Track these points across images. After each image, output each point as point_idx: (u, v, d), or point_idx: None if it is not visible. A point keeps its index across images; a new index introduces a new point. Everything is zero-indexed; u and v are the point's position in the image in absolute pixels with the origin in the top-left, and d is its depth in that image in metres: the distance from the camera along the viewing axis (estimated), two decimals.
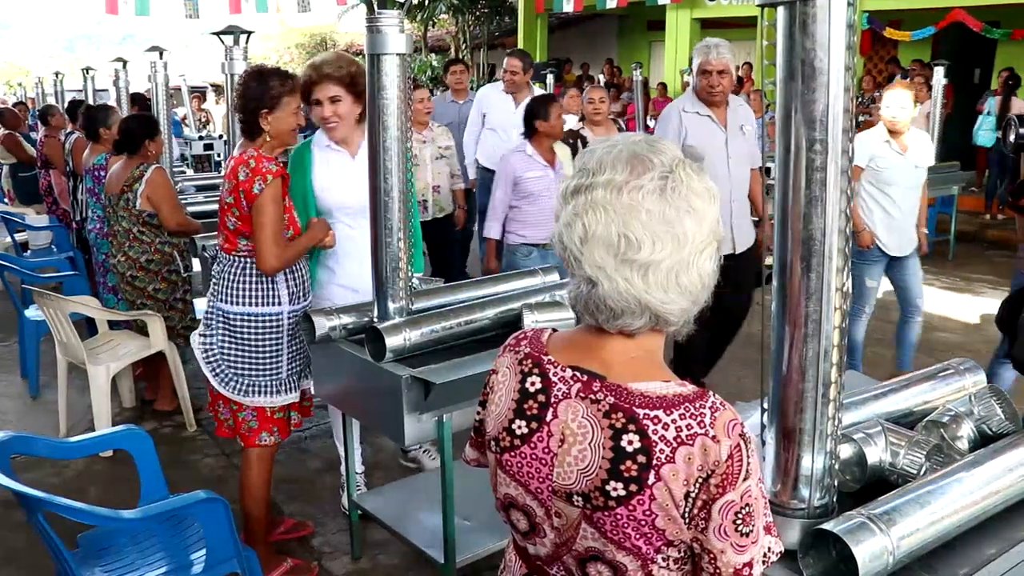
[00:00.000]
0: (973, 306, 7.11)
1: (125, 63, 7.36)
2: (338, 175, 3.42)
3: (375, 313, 2.93)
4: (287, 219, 3.05)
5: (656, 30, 17.18)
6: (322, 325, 2.91)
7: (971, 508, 1.73)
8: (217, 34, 5.24)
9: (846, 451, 1.92)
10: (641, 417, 1.18)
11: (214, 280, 3.12)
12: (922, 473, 1.87)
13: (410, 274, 2.95)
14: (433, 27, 24.12)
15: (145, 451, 2.90)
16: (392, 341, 2.71)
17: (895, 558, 1.57)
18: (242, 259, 3.04)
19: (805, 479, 1.64)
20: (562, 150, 4.93)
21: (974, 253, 9.23)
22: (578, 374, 1.26)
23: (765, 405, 1.66)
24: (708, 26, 15.71)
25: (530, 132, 4.75)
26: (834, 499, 1.71)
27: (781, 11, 1.47)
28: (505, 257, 4.87)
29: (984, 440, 2.10)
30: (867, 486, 1.90)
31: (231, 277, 3.05)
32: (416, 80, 5.84)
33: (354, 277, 3.40)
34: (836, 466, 1.71)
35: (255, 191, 2.90)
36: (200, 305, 5.07)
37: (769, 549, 1.24)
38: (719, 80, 4.35)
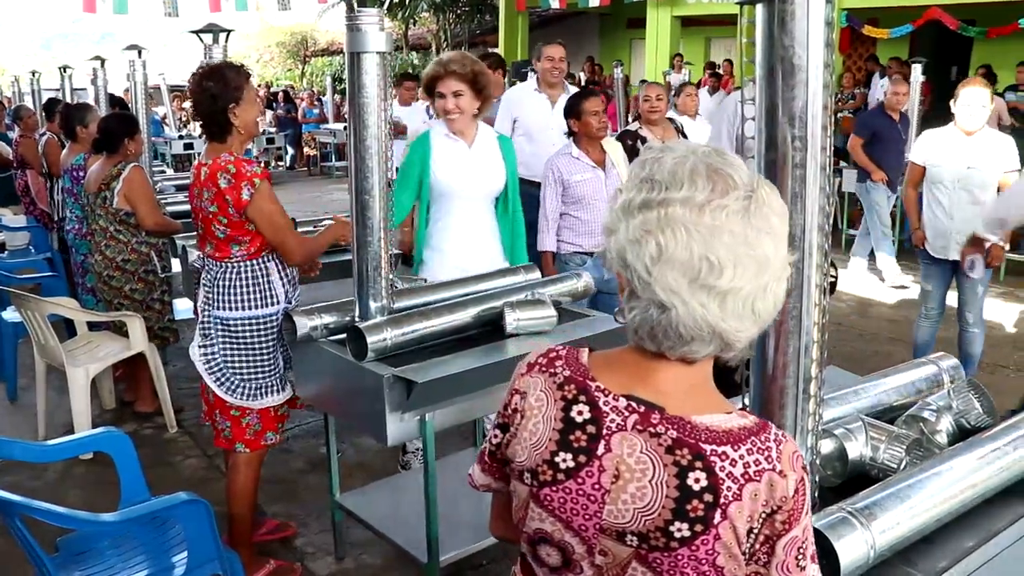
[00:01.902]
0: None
1: (103, 62, 7.29)
2: (455, 162, 3.68)
3: (356, 312, 2.91)
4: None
5: (637, 28, 17.22)
6: (303, 325, 2.89)
7: (950, 502, 1.75)
8: (196, 32, 5.21)
9: (827, 446, 1.94)
10: (708, 453, 1.12)
11: (206, 289, 3.09)
12: (902, 467, 1.89)
13: (393, 274, 2.95)
14: (414, 25, 24.09)
15: (125, 453, 2.87)
16: (374, 340, 2.70)
17: (876, 552, 1.58)
18: (236, 264, 3.01)
19: None
20: (613, 149, 4.67)
21: None
22: (634, 404, 1.17)
23: (746, 401, 1.67)
24: (688, 24, 15.79)
25: (570, 132, 4.58)
26: (815, 494, 1.72)
27: (760, 8, 1.48)
28: (557, 268, 4.53)
29: (963, 433, 2.12)
30: (848, 480, 1.92)
31: (226, 284, 3.02)
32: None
33: (465, 257, 3.68)
34: (817, 461, 1.72)
35: (245, 197, 2.89)
36: (180, 306, 5.05)
37: None
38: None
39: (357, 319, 2.89)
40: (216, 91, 2.95)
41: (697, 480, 1.11)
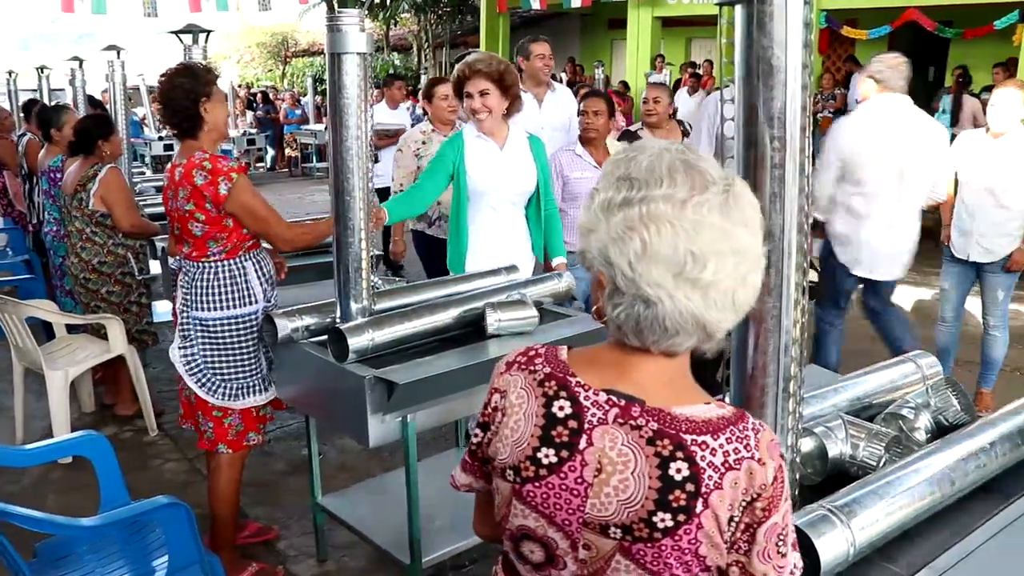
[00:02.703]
0: None
1: (81, 62, 7.25)
2: (487, 163, 3.71)
3: (337, 314, 2.91)
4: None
5: (618, 28, 17.24)
6: (284, 327, 2.88)
7: (929, 498, 1.76)
8: (176, 33, 5.18)
9: (807, 444, 1.95)
10: (689, 443, 1.13)
11: (184, 290, 3.07)
12: (882, 464, 1.90)
13: (374, 276, 2.94)
14: (395, 26, 24.06)
15: (105, 457, 2.85)
16: (355, 342, 2.70)
17: (856, 549, 1.59)
18: (213, 263, 3.01)
19: None
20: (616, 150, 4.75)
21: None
22: (614, 398, 1.18)
23: (727, 401, 1.67)
24: (669, 24, 15.83)
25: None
26: (796, 492, 1.73)
27: (739, 9, 1.48)
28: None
29: (941, 431, 2.14)
30: (829, 478, 1.93)
31: (204, 284, 3.02)
32: (442, 76, 5.56)
33: (496, 258, 3.66)
34: (798, 460, 1.73)
35: (223, 192, 2.89)
36: (159, 308, 5.02)
37: (795, 565, 1.21)
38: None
39: (338, 320, 2.89)
40: (188, 85, 2.97)
41: (679, 470, 1.13)
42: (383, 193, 5.33)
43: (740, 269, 1.12)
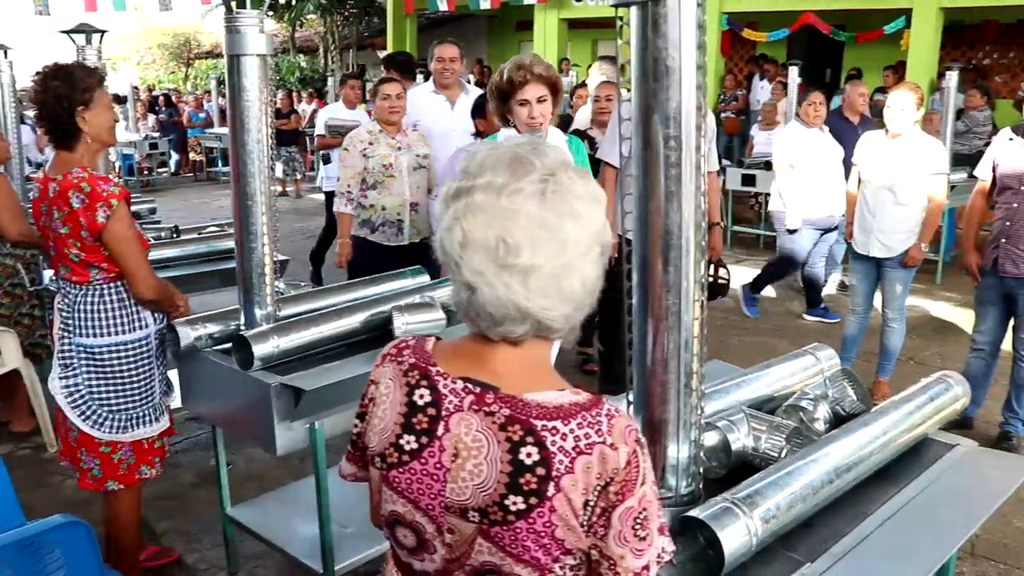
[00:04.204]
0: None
1: None
2: None
3: (241, 320, 2.85)
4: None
5: (525, 30, 17.35)
6: (187, 335, 2.81)
7: (827, 487, 1.82)
8: (68, 32, 5.00)
9: (711, 439, 1.99)
10: (539, 429, 1.16)
11: (64, 314, 2.84)
12: (783, 455, 1.95)
13: (279, 282, 2.89)
14: (301, 27, 23.72)
15: None
16: (260, 349, 2.65)
17: (758, 539, 1.63)
18: (97, 287, 2.79)
19: (672, 468, 1.68)
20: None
21: None
22: (470, 385, 1.22)
23: (630, 398, 1.69)
24: (575, 26, 16.01)
25: (477, 132, 4.41)
26: (700, 486, 1.76)
27: (634, 11, 1.51)
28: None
29: (839, 420, 2.21)
30: (733, 471, 1.97)
31: (88, 308, 2.79)
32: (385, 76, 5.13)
33: None
34: (701, 454, 1.77)
35: (100, 220, 2.66)
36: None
37: (663, 549, 1.22)
38: None
39: (242, 327, 2.83)
40: (63, 91, 2.70)
41: (529, 455, 1.16)
42: (331, 196, 5.07)
43: (562, 258, 1.14)
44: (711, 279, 4.83)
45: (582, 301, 1.19)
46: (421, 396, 1.25)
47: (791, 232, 6.19)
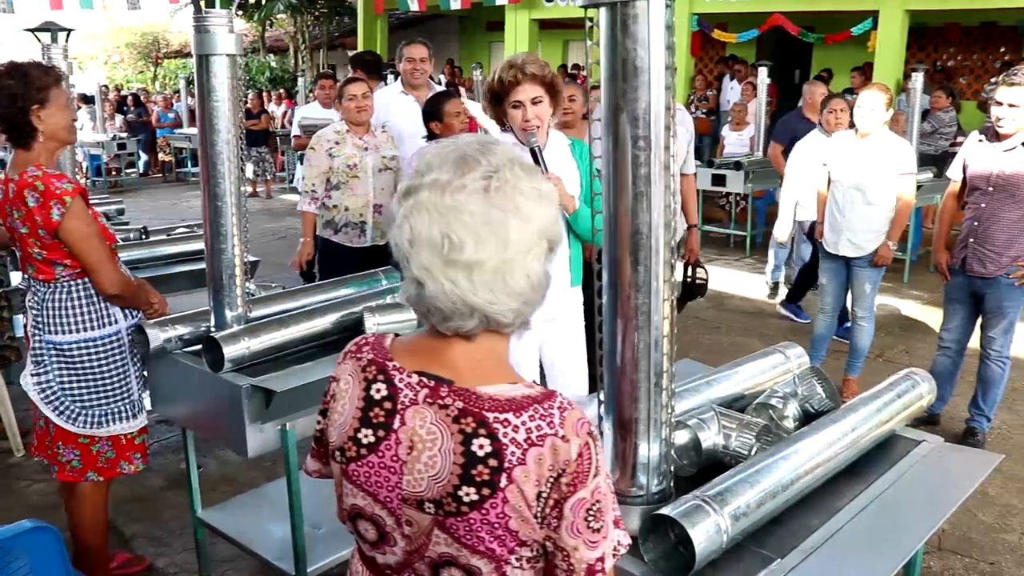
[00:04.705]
0: None
1: None
2: None
3: (212, 322, 2.83)
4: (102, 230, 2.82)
5: (495, 31, 17.35)
6: (156, 337, 2.79)
7: (797, 484, 1.84)
8: (33, 31, 4.92)
9: (682, 437, 2.00)
10: (491, 421, 1.18)
11: (34, 312, 2.84)
12: (753, 453, 1.97)
13: (250, 283, 2.88)
14: (271, 27, 23.57)
15: None
16: (230, 350, 2.63)
17: (729, 536, 1.64)
18: (65, 283, 2.79)
19: (642, 467, 1.69)
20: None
21: None
22: (424, 379, 1.24)
23: (602, 397, 1.70)
24: (546, 27, 16.02)
25: (431, 135, 4.30)
26: (671, 484, 1.77)
27: (603, 12, 1.51)
28: None
29: (808, 417, 2.23)
30: (704, 469, 1.98)
31: (57, 305, 2.80)
32: (353, 75, 5.13)
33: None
34: (672, 452, 1.78)
35: (55, 218, 2.65)
36: (22, 322, 4.77)
37: (618, 542, 1.24)
38: None
39: (213, 329, 2.81)
40: (17, 90, 2.67)
41: (481, 446, 1.18)
42: None
43: (506, 254, 1.17)
44: (689, 280, 4.87)
45: (530, 296, 1.21)
46: (378, 390, 1.27)
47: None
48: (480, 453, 1.17)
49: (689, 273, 4.82)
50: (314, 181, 4.57)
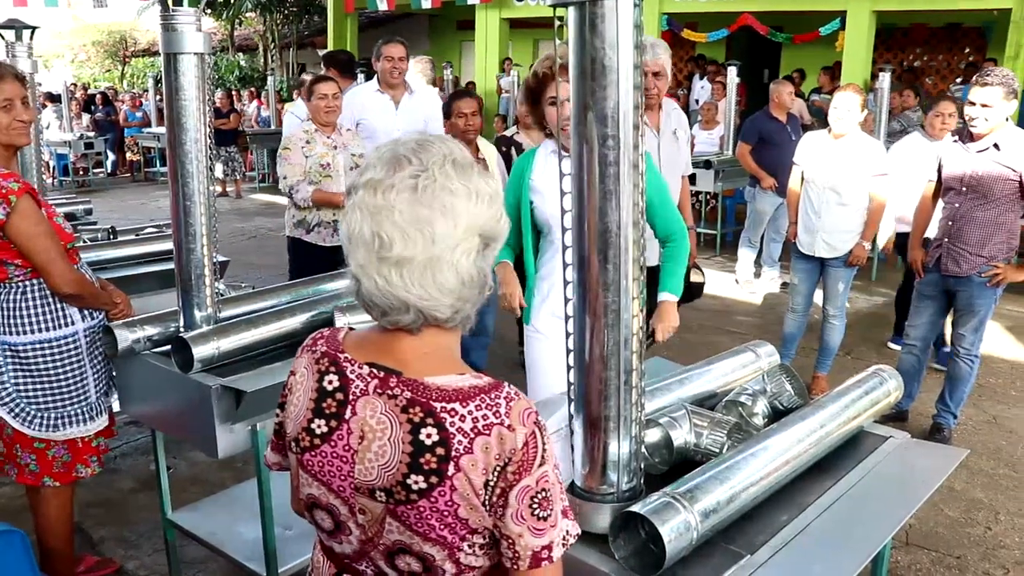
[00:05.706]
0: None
1: None
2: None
3: (181, 322, 2.81)
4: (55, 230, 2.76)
5: (466, 30, 17.35)
6: (124, 338, 2.76)
7: (766, 480, 1.85)
8: None
9: (653, 435, 2.01)
10: (439, 410, 1.21)
11: None
12: (724, 450, 1.98)
13: (219, 283, 2.85)
14: (240, 26, 23.40)
15: None
16: (200, 351, 2.61)
17: (699, 533, 1.65)
18: (19, 284, 2.74)
19: (613, 464, 1.69)
20: (489, 152, 4.68)
21: None
22: (375, 370, 1.27)
23: (571, 395, 1.71)
24: (517, 26, 16.03)
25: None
26: (641, 481, 1.77)
27: (572, 11, 1.51)
28: None
29: (777, 415, 2.25)
30: (675, 467, 1.99)
31: (11, 306, 2.74)
32: (322, 74, 5.11)
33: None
34: (643, 450, 1.78)
35: (0, 217, 2.61)
36: None
37: (567, 532, 1.26)
38: (654, 82, 3.88)
39: (182, 329, 2.79)
40: None
41: (429, 435, 1.20)
42: None
43: (434, 250, 1.19)
44: (687, 282, 4.87)
45: (463, 292, 1.23)
46: (330, 382, 1.30)
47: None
48: (428, 442, 1.20)
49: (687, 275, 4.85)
50: (298, 176, 4.56)
